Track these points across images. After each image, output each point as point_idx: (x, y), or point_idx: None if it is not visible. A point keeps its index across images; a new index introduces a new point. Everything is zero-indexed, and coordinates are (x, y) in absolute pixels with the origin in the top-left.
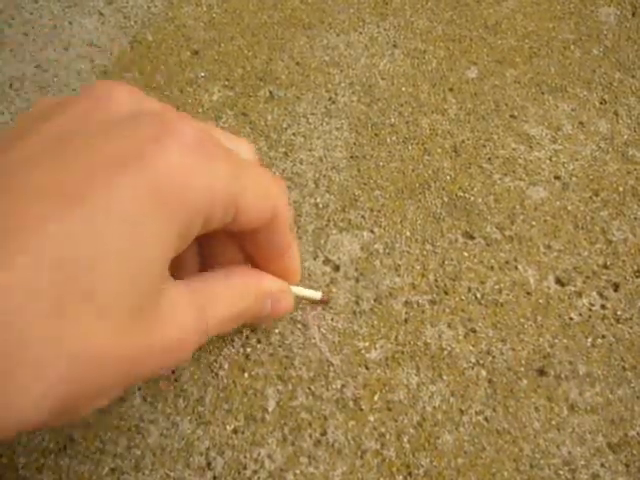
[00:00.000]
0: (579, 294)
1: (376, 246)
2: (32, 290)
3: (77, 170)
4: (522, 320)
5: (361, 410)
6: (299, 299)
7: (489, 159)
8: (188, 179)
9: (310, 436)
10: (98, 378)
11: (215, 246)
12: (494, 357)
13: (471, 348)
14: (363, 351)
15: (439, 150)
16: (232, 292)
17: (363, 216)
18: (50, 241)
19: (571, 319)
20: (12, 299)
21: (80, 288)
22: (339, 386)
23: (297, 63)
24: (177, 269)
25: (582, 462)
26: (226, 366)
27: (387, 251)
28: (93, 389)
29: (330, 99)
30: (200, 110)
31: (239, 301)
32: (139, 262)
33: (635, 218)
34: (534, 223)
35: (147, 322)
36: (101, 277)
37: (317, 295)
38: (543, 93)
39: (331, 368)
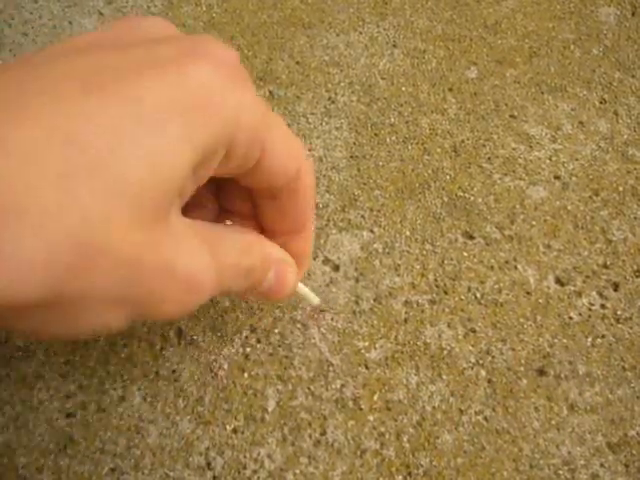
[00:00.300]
0: (579, 294)
1: (376, 246)
2: (38, 159)
3: (108, 65)
4: (522, 320)
5: (361, 410)
6: (299, 299)
7: (489, 159)
8: (216, 96)
9: (310, 436)
10: (98, 277)
11: (233, 211)
12: (494, 357)
13: (471, 348)
14: (363, 351)
15: (439, 150)
16: (240, 244)
17: (363, 216)
18: (65, 117)
19: (571, 319)
20: (13, 163)
21: (95, 170)
22: (339, 386)
23: (297, 63)
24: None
25: (582, 462)
26: (226, 366)
27: (387, 251)
28: (95, 289)
29: (330, 99)
30: None
31: (246, 255)
32: (159, 162)
33: (635, 218)
34: (534, 223)
35: (163, 235)
36: (118, 166)
37: (316, 300)
38: (543, 93)
39: (331, 368)
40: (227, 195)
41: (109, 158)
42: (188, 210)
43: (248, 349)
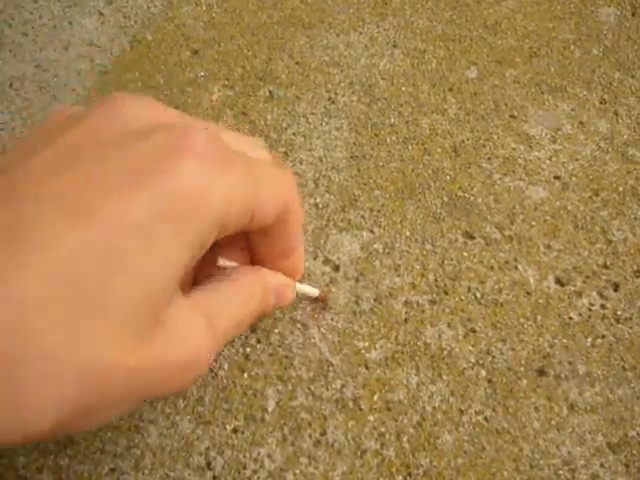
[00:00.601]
0: (579, 294)
1: (376, 246)
2: (41, 304)
3: (91, 184)
4: (522, 320)
5: (361, 410)
6: (299, 298)
7: (489, 159)
8: (203, 193)
9: (310, 436)
10: (109, 393)
11: (223, 244)
12: (494, 357)
13: (471, 348)
14: (363, 351)
15: (439, 150)
16: (239, 296)
17: (363, 216)
18: (62, 254)
19: (571, 319)
20: (17, 312)
21: (92, 303)
22: (339, 386)
23: (297, 63)
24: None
25: (582, 462)
26: (226, 366)
27: (387, 251)
28: (104, 403)
29: (330, 99)
30: (200, 110)
31: (247, 303)
32: (152, 278)
33: (635, 218)
34: (534, 223)
35: (160, 336)
36: (113, 292)
37: (315, 292)
38: (543, 93)
39: (331, 368)
40: (221, 244)
41: (103, 289)
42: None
43: (248, 349)
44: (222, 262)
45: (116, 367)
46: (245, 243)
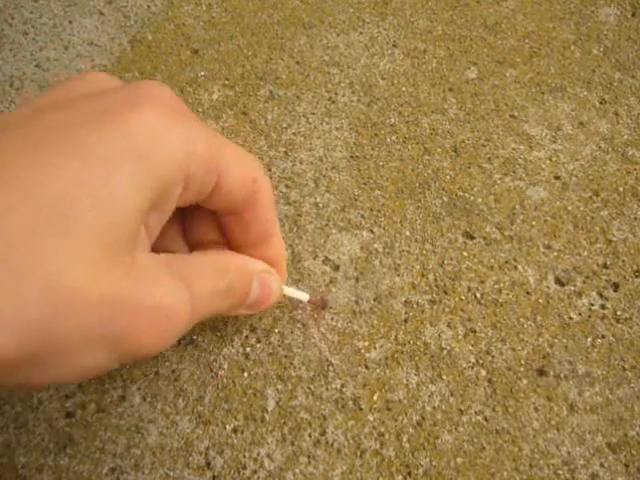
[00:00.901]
0: (579, 294)
1: (376, 246)
2: (2, 223)
3: (57, 124)
4: (522, 320)
5: (360, 410)
6: (293, 302)
7: (489, 159)
8: (164, 134)
9: (309, 436)
10: (75, 321)
11: (203, 241)
12: (494, 357)
13: (471, 348)
14: (363, 351)
15: (439, 150)
16: (213, 267)
17: (363, 216)
18: (24, 175)
19: (571, 319)
20: None
21: (56, 222)
22: (339, 386)
23: (297, 63)
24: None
25: (581, 462)
26: (225, 366)
27: (387, 251)
28: (72, 338)
29: (330, 99)
30: (200, 109)
31: (221, 275)
32: (114, 204)
33: (635, 218)
34: (534, 223)
35: (130, 276)
36: (76, 213)
37: (304, 296)
38: (543, 93)
39: (331, 368)
40: (195, 225)
41: (66, 208)
42: (160, 247)
43: (248, 349)
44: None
45: (81, 290)
46: (223, 236)
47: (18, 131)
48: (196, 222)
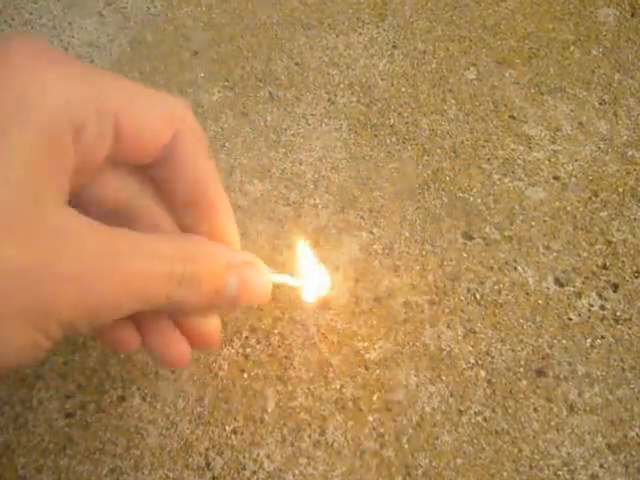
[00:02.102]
0: (578, 295)
1: (375, 247)
2: None
3: None
4: (521, 321)
5: (360, 410)
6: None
7: (488, 159)
8: (39, 81)
9: (309, 436)
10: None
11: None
12: (493, 357)
13: (470, 348)
14: (362, 351)
15: (438, 151)
16: (171, 250)
17: (362, 217)
18: None
19: (570, 320)
20: None
21: None
22: (338, 386)
23: (296, 63)
24: None
25: (581, 463)
26: (225, 366)
27: (386, 251)
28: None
29: (329, 100)
30: (200, 110)
31: (181, 261)
32: (9, 156)
33: (634, 219)
34: (533, 224)
35: (41, 234)
36: None
37: (297, 283)
38: (542, 94)
39: (330, 369)
40: (143, 212)
41: None
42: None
43: (248, 349)
44: None
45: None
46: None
47: None
48: (145, 210)
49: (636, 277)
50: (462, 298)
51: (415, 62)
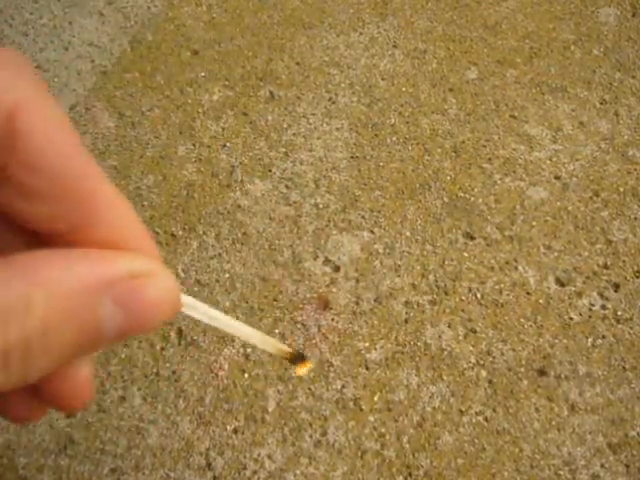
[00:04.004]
0: (579, 294)
1: (376, 246)
2: None
3: None
4: (522, 320)
5: (361, 410)
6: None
7: (489, 159)
8: None
9: (310, 436)
10: None
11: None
12: (494, 357)
13: (471, 348)
14: (363, 351)
15: (439, 150)
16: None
17: (363, 216)
18: None
19: (571, 319)
20: None
21: None
22: (339, 386)
23: (297, 63)
24: None
25: (582, 462)
26: (226, 367)
27: (387, 251)
28: None
29: (330, 99)
30: (200, 110)
31: (9, 284)
32: None
33: (635, 218)
34: (534, 223)
35: None
36: None
37: (271, 346)
38: (543, 93)
39: (331, 368)
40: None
41: None
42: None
43: (248, 350)
44: None
45: None
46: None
47: None
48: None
49: (637, 277)
50: (463, 298)
51: (416, 62)
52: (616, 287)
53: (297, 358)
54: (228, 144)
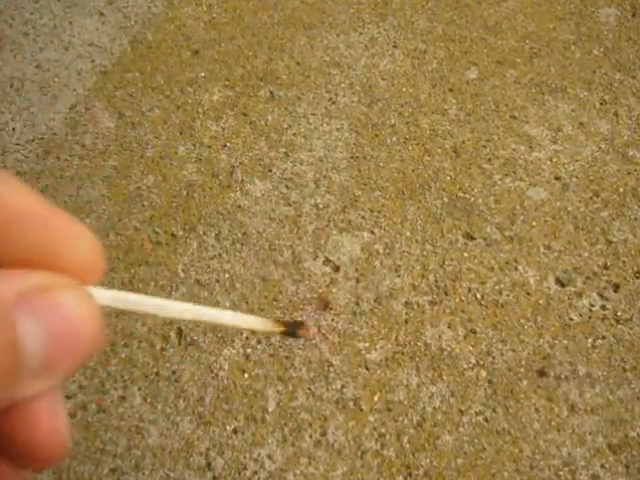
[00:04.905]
0: (579, 295)
1: (376, 247)
2: None
3: None
4: (522, 321)
5: (361, 410)
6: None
7: (489, 160)
8: None
9: (310, 436)
10: None
11: None
12: (494, 358)
13: (471, 349)
14: (363, 352)
15: (439, 151)
16: None
17: (363, 217)
18: None
19: (571, 320)
20: None
21: None
22: (339, 387)
23: (297, 63)
24: None
25: (582, 463)
26: (226, 367)
27: (387, 252)
28: None
29: (330, 99)
30: (200, 110)
31: None
32: None
33: (635, 219)
34: (534, 224)
35: None
36: None
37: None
38: (543, 93)
39: (331, 369)
40: None
41: None
42: None
43: (248, 350)
44: None
45: None
46: None
47: None
48: None
49: (637, 277)
50: (463, 298)
51: (416, 62)
52: (616, 287)
53: (294, 326)
54: (228, 144)
